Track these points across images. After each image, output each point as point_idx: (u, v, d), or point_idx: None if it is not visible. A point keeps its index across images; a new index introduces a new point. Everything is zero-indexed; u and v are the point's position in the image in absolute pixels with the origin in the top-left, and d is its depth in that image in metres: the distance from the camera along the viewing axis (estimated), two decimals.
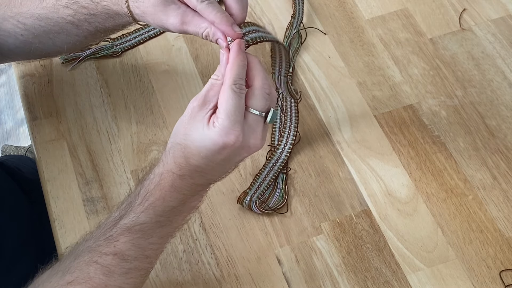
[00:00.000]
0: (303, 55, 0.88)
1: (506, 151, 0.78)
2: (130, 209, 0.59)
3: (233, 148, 0.56)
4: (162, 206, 0.58)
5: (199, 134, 0.56)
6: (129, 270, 0.57)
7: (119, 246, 0.57)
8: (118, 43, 0.89)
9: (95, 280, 0.55)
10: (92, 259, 0.57)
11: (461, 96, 0.83)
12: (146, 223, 0.58)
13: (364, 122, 0.81)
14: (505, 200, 0.74)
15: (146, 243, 0.58)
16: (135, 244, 0.58)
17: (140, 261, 0.58)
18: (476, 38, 0.88)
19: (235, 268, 0.71)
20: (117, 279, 0.56)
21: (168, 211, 0.59)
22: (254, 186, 0.75)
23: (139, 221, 0.58)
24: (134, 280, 0.58)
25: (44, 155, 0.80)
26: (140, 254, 0.58)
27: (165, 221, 0.59)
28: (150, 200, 0.58)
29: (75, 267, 0.56)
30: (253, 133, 0.56)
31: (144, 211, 0.58)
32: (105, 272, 0.56)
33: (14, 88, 1.85)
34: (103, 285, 0.56)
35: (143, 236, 0.58)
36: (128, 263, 0.57)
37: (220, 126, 0.54)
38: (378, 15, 0.91)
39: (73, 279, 0.55)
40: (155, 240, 0.59)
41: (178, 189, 0.58)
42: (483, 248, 0.71)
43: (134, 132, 0.81)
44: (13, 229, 0.81)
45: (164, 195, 0.58)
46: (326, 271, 0.70)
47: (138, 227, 0.58)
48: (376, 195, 0.75)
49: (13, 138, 1.79)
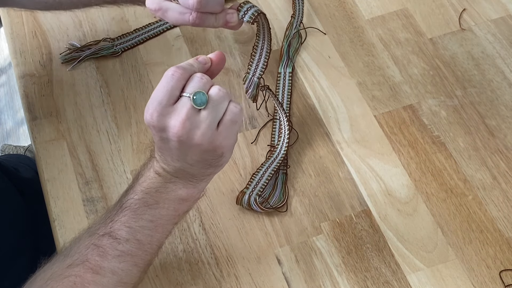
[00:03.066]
0: (303, 55, 0.88)
1: (506, 151, 0.78)
2: (127, 191, 0.61)
3: (151, 127, 0.56)
4: (146, 183, 0.60)
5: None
6: (121, 252, 0.58)
7: (114, 226, 0.59)
8: (118, 43, 0.89)
9: (91, 261, 0.57)
10: (91, 241, 0.58)
11: (461, 96, 0.83)
12: (133, 199, 0.60)
13: (364, 122, 0.81)
14: (505, 200, 0.74)
15: (136, 225, 0.59)
16: (125, 223, 0.59)
17: (132, 244, 0.59)
18: (476, 38, 0.88)
19: (235, 268, 0.71)
20: (110, 261, 0.58)
21: (153, 193, 0.60)
22: (251, 184, 0.75)
23: (127, 198, 0.60)
24: (127, 266, 0.59)
25: (44, 155, 0.80)
26: (131, 236, 0.59)
27: (151, 202, 0.60)
28: (138, 177, 0.61)
29: (75, 250, 0.58)
30: (176, 115, 0.55)
31: (133, 187, 0.61)
32: (100, 253, 0.57)
33: (14, 88, 1.85)
34: (98, 266, 0.57)
35: (133, 216, 0.59)
36: (120, 244, 0.58)
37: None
38: (378, 15, 0.91)
39: (72, 262, 0.57)
40: (144, 223, 0.60)
41: (157, 173, 0.60)
42: (483, 248, 0.71)
43: (134, 132, 0.81)
44: (9, 229, 0.81)
45: (149, 174, 0.60)
46: (326, 271, 0.70)
47: (126, 204, 0.60)
48: (376, 195, 0.75)
49: (13, 138, 1.79)
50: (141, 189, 0.60)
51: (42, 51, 0.89)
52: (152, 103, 0.55)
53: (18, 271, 0.74)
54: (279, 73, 0.85)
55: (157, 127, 0.55)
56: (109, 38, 0.89)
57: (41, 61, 0.88)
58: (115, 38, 0.89)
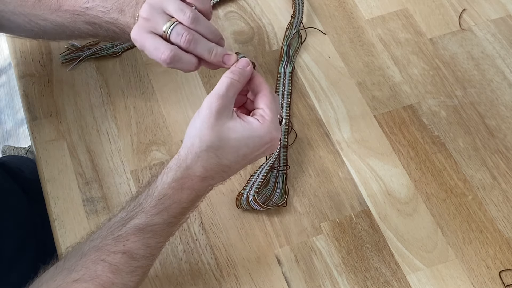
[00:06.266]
0: (303, 55, 0.88)
1: (505, 151, 0.78)
2: (140, 209, 0.60)
3: (274, 142, 0.60)
4: (176, 208, 0.60)
5: (240, 133, 0.59)
6: (136, 268, 0.59)
7: (129, 245, 0.58)
8: (118, 43, 0.89)
9: (103, 277, 0.56)
10: (100, 257, 0.58)
11: (460, 96, 0.83)
12: (159, 224, 0.59)
13: (364, 122, 0.81)
14: (504, 200, 0.74)
15: (155, 242, 0.60)
16: (145, 243, 0.59)
17: (147, 259, 0.60)
18: (475, 38, 0.88)
19: (235, 268, 0.71)
20: (124, 277, 0.58)
21: (179, 212, 0.60)
22: (248, 185, 0.74)
23: (152, 222, 0.59)
24: (138, 278, 0.60)
25: (44, 155, 0.80)
26: (148, 253, 0.60)
27: (175, 221, 0.61)
28: (167, 203, 0.59)
29: (81, 265, 0.57)
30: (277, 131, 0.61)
31: (159, 213, 0.59)
32: (113, 270, 0.57)
33: (14, 88, 1.85)
34: (110, 283, 0.57)
35: (154, 236, 0.60)
36: (136, 261, 0.59)
37: (270, 122, 0.60)
38: (378, 15, 0.91)
39: (79, 277, 0.56)
40: (162, 239, 0.61)
41: (195, 191, 0.60)
42: (482, 248, 0.71)
43: (134, 132, 0.81)
44: (13, 230, 0.82)
45: (181, 198, 0.59)
46: (326, 271, 0.70)
47: (150, 228, 0.59)
48: (375, 195, 0.75)
49: (13, 138, 1.79)
50: (168, 214, 0.59)
51: (42, 51, 0.89)
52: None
53: (22, 271, 0.74)
54: (279, 73, 0.85)
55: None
56: None
57: (41, 61, 0.88)
58: None
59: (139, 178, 0.77)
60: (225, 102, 0.58)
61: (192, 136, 0.59)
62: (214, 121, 0.58)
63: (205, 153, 0.58)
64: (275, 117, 0.60)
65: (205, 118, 0.58)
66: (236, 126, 0.59)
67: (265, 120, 0.60)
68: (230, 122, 0.58)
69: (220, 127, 0.58)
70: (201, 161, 0.58)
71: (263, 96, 0.61)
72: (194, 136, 0.58)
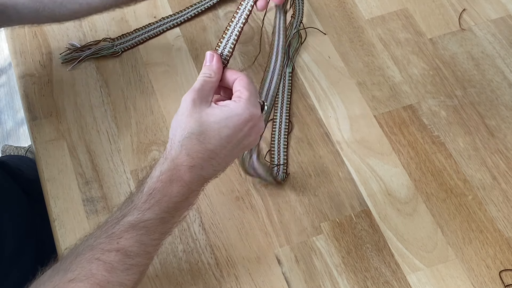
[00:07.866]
0: (303, 55, 0.88)
1: (505, 151, 0.78)
2: (133, 206, 0.60)
3: (255, 120, 0.61)
4: (167, 202, 0.59)
5: (218, 116, 0.60)
6: (131, 266, 0.58)
7: (122, 242, 0.58)
8: (118, 43, 0.89)
9: (98, 276, 0.56)
10: (94, 256, 0.57)
11: (460, 96, 0.83)
12: (151, 219, 0.59)
13: (364, 122, 0.81)
14: (504, 200, 0.74)
15: (149, 239, 0.60)
16: (139, 240, 0.59)
17: (142, 257, 0.60)
18: (475, 38, 0.88)
19: (235, 268, 0.71)
20: (119, 275, 0.57)
21: (172, 207, 0.60)
22: (223, 41, 0.69)
23: (144, 218, 0.59)
24: (134, 276, 0.59)
25: (44, 155, 0.80)
26: (142, 250, 0.59)
27: (168, 217, 0.60)
28: (157, 197, 0.59)
29: (76, 265, 0.57)
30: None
31: (150, 208, 0.59)
32: (108, 268, 0.57)
33: (14, 88, 1.85)
34: (105, 281, 0.56)
35: (147, 233, 0.59)
36: (130, 259, 0.58)
37: (246, 99, 0.60)
38: (378, 15, 0.91)
39: (74, 277, 0.56)
40: (157, 236, 0.60)
41: (185, 183, 0.59)
42: (482, 248, 0.71)
43: (134, 132, 0.81)
44: (13, 229, 0.81)
45: (171, 191, 0.59)
46: (326, 271, 0.70)
47: (142, 224, 0.59)
48: (375, 195, 0.75)
49: (13, 138, 1.79)
50: (159, 208, 0.59)
51: (42, 51, 0.89)
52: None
53: (22, 271, 0.74)
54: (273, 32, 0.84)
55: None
56: (109, 38, 0.90)
57: (41, 61, 0.88)
58: (115, 38, 0.90)
59: (139, 178, 0.77)
60: (200, 95, 0.60)
61: (174, 128, 0.60)
62: (192, 109, 0.59)
63: (188, 140, 0.59)
64: (252, 96, 0.61)
65: (183, 110, 0.60)
66: (215, 111, 0.60)
67: (241, 99, 0.61)
68: (208, 109, 0.60)
69: (199, 114, 0.59)
70: (185, 149, 0.59)
71: (239, 80, 0.63)
72: (176, 128, 0.60)
